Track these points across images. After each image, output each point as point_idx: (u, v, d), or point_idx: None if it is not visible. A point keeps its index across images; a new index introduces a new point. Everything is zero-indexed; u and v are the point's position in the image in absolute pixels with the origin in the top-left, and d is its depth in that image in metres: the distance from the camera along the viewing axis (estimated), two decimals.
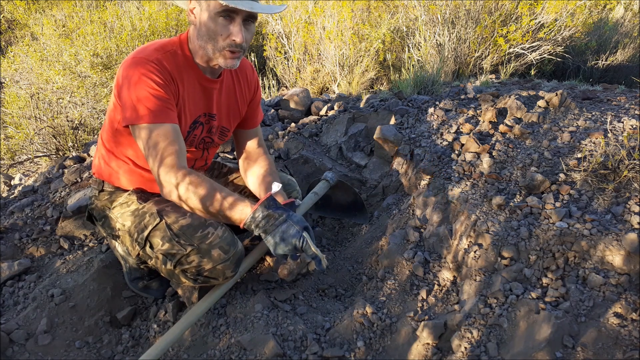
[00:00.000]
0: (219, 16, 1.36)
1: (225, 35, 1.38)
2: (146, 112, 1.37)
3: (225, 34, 1.38)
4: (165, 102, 1.40)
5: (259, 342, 1.50)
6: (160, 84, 1.39)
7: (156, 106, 1.38)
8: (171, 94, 1.43)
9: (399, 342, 1.50)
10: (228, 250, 1.53)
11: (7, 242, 2.07)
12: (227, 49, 1.40)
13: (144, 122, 1.38)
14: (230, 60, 1.43)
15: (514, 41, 4.46)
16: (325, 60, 4.56)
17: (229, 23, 1.37)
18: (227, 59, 1.43)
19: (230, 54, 1.42)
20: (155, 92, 1.38)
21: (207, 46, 1.42)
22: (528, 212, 1.66)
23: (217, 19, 1.36)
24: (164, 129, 1.39)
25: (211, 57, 1.44)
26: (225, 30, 1.38)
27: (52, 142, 3.33)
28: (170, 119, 1.40)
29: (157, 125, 1.38)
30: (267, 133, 2.82)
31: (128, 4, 5.45)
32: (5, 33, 7.35)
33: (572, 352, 1.23)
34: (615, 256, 1.39)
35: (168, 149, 1.38)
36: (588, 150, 1.87)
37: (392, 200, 2.21)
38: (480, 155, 2.04)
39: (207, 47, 1.42)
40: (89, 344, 1.68)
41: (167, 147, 1.38)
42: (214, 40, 1.40)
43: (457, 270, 1.65)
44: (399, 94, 3.14)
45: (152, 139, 1.38)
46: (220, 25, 1.37)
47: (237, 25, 1.37)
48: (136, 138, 1.43)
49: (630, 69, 5.02)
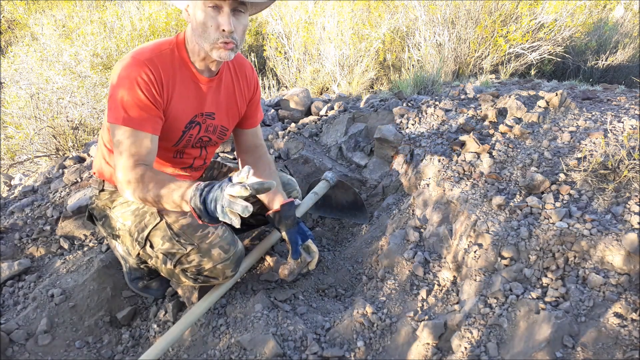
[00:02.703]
0: (207, 7, 1.39)
1: (215, 26, 1.41)
2: (126, 116, 1.41)
3: (214, 24, 1.41)
4: (148, 110, 1.43)
5: (259, 342, 1.50)
6: (148, 92, 1.42)
7: (136, 113, 1.41)
8: (157, 103, 1.45)
9: (399, 342, 1.50)
10: (228, 249, 1.53)
11: (7, 242, 2.07)
12: (219, 40, 1.42)
13: (121, 123, 1.41)
14: (224, 51, 1.45)
15: (514, 41, 4.47)
16: (325, 60, 4.56)
17: (218, 14, 1.40)
18: (220, 50, 1.44)
19: (223, 45, 1.43)
20: (138, 100, 1.41)
21: (201, 41, 1.45)
22: (528, 212, 1.66)
23: (206, 10, 1.40)
24: (136, 136, 1.41)
25: (207, 51, 1.46)
26: (214, 21, 1.40)
27: (52, 142, 3.33)
28: (147, 128, 1.43)
29: (131, 131, 1.41)
30: (267, 133, 2.82)
31: (128, 4, 5.45)
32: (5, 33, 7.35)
33: (572, 352, 1.23)
34: (615, 256, 1.39)
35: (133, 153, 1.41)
36: (588, 150, 1.88)
37: (392, 200, 2.21)
38: (480, 155, 2.04)
39: (201, 42, 1.45)
40: (89, 344, 1.68)
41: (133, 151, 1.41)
42: (206, 32, 1.42)
43: (457, 270, 1.65)
44: (399, 94, 3.14)
45: (122, 142, 1.42)
46: (209, 17, 1.40)
47: (225, 14, 1.40)
48: (112, 136, 1.46)
49: (630, 69, 5.02)
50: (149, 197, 1.39)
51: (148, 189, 1.38)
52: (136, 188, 1.40)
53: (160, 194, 1.37)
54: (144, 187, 1.39)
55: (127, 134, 1.41)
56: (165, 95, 1.48)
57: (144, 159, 1.43)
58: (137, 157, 1.42)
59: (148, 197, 1.39)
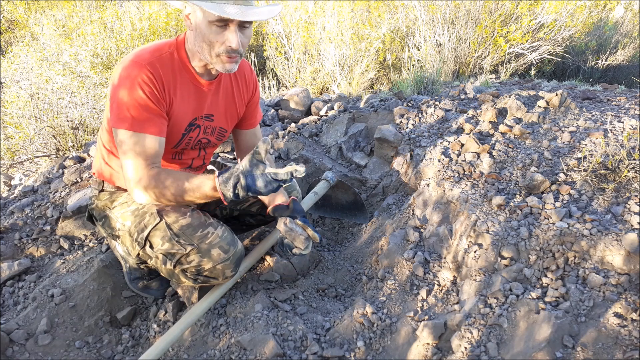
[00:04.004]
0: (213, 24, 1.38)
1: (221, 42, 1.40)
2: (128, 119, 1.41)
3: (220, 40, 1.40)
4: (150, 112, 1.43)
5: (259, 342, 1.50)
6: (150, 93, 1.42)
7: (139, 115, 1.41)
8: (160, 104, 1.46)
9: (399, 342, 1.50)
10: (228, 249, 1.53)
11: (7, 242, 2.07)
12: (224, 54, 1.42)
13: (124, 127, 1.41)
14: (228, 64, 1.46)
15: (514, 41, 4.47)
16: (325, 60, 4.56)
17: (224, 30, 1.39)
18: (224, 64, 1.45)
19: (227, 59, 1.44)
20: (141, 101, 1.41)
21: (204, 52, 1.44)
22: (528, 212, 1.66)
23: (212, 26, 1.38)
24: (141, 138, 1.42)
25: (210, 61, 1.46)
26: (220, 37, 1.40)
27: (52, 142, 3.33)
28: (150, 130, 1.43)
29: (135, 133, 1.41)
30: (267, 133, 2.82)
31: (128, 4, 5.45)
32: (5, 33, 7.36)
33: (572, 352, 1.23)
34: (615, 256, 1.39)
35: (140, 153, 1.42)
36: (588, 150, 1.87)
37: (392, 200, 2.21)
38: (480, 155, 2.04)
39: (205, 52, 1.44)
40: (89, 344, 1.68)
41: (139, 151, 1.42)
42: (211, 46, 1.42)
43: (457, 270, 1.65)
44: (399, 94, 3.14)
45: (127, 145, 1.42)
46: (215, 33, 1.39)
47: (232, 31, 1.39)
48: (115, 139, 1.46)
49: (630, 69, 5.02)
50: (168, 194, 1.42)
51: (165, 185, 1.41)
52: (150, 186, 1.42)
53: (185, 187, 1.40)
54: (161, 185, 1.41)
55: (131, 136, 1.41)
56: (167, 97, 1.48)
57: (153, 159, 1.44)
58: (146, 157, 1.42)
59: (167, 193, 1.42)
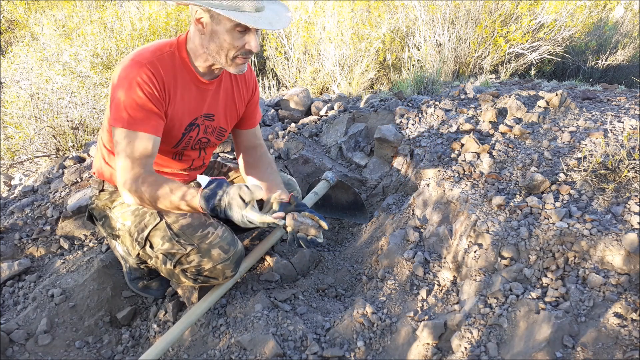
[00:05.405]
0: (235, 30, 1.39)
1: (241, 46, 1.42)
2: (125, 117, 1.41)
3: (240, 44, 1.42)
4: (147, 111, 1.43)
5: (259, 342, 1.50)
6: (149, 92, 1.42)
7: (136, 114, 1.41)
8: (159, 104, 1.45)
9: (399, 342, 1.50)
10: (228, 250, 1.53)
11: (7, 242, 2.07)
12: (240, 56, 1.45)
13: (120, 126, 1.41)
14: (242, 65, 1.49)
15: (513, 41, 4.47)
16: (325, 60, 4.56)
17: (244, 35, 1.41)
18: (239, 65, 1.48)
19: (242, 60, 1.47)
20: (139, 101, 1.41)
21: (219, 56, 1.45)
22: (528, 212, 1.66)
23: (234, 32, 1.39)
24: (134, 136, 1.42)
25: (223, 65, 1.47)
26: (240, 41, 1.41)
27: (52, 142, 3.32)
28: (144, 128, 1.43)
29: (130, 132, 1.41)
30: (267, 133, 2.82)
31: (128, 4, 5.45)
32: (5, 33, 7.36)
33: (572, 352, 1.23)
34: (615, 256, 1.39)
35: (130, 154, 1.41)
36: (588, 150, 1.88)
37: (392, 200, 2.21)
38: (480, 155, 2.04)
39: (218, 57, 1.45)
40: (89, 344, 1.68)
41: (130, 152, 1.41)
42: (229, 50, 1.43)
43: (457, 270, 1.65)
44: (399, 94, 3.14)
45: (120, 145, 1.42)
46: (236, 38, 1.40)
47: (252, 35, 1.41)
48: (113, 137, 1.46)
49: (630, 69, 5.02)
50: (145, 198, 1.40)
51: (143, 190, 1.40)
52: (132, 189, 1.41)
53: (157, 195, 1.39)
54: (139, 188, 1.40)
55: (126, 134, 1.41)
56: (166, 96, 1.48)
57: (143, 160, 1.43)
58: (135, 158, 1.42)
59: (144, 197, 1.40)
